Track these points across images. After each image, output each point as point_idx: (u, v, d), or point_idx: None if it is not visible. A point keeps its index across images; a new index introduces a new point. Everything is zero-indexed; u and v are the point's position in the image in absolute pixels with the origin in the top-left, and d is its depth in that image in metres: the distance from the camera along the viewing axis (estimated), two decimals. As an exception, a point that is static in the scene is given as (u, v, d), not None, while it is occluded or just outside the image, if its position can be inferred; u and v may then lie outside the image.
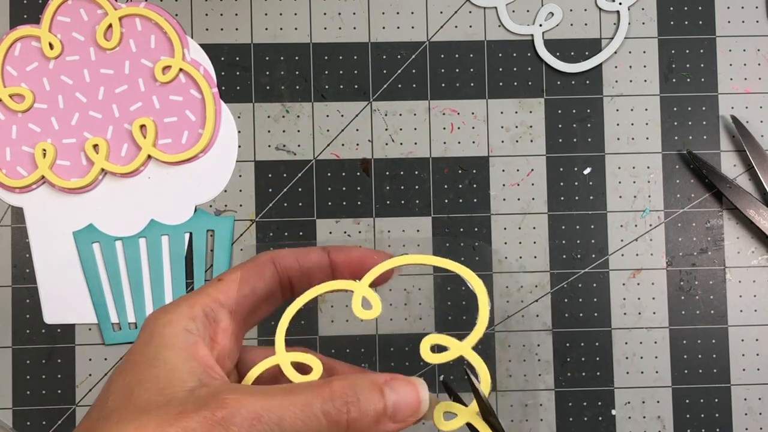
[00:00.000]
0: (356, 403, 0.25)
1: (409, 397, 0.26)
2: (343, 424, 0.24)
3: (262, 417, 0.23)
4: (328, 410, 0.24)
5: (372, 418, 0.25)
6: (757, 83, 0.51)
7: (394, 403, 0.25)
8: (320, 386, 0.25)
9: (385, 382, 0.26)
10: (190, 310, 0.27)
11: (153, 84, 0.50)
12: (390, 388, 0.26)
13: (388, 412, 0.25)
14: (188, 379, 0.25)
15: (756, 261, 0.51)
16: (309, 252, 0.30)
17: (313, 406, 0.24)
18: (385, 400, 0.25)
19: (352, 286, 0.28)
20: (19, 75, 0.49)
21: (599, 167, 0.51)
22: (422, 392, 0.26)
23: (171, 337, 0.26)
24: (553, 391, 0.50)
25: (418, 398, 0.26)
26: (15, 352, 0.49)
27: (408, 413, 0.26)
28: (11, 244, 0.50)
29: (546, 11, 0.51)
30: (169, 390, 0.24)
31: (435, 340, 0.28)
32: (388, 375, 0.26)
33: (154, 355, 0.26)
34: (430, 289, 0.50)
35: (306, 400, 0.24)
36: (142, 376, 0.25)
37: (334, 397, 0.24)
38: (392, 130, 0.51)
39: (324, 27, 0.51)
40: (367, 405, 0.25)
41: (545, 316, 0.50)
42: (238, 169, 0.50)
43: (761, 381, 0.50)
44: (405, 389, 0.26)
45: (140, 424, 0.23)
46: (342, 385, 0.25)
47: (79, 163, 0.49)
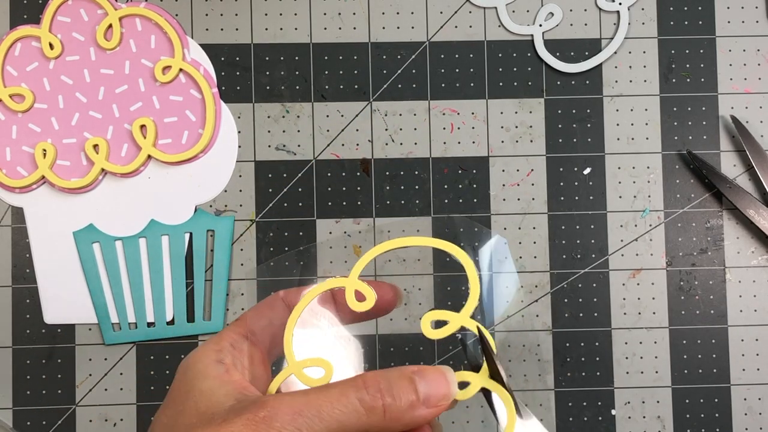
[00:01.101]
0: (389, 390, 0.26)
1: (439, 381, 0.27)
2: (380, 409, 0.26)
3: (303, 411, 0.25)
4: (363, 398, 0.25)
5: (406, 404, 0.26)
6: (757, 83, 0.51)
7: (425, 389, 0.27)
8: (353, 378, 0.26)
9: (414, 372, 0.27)
10: (216, 345, 0.29)
11: (153, 84, 0.50)
12: (419, 376, 0.27)
13: (420, 397, 0.26)
14: (226, 400, 0.26)
15: (756, 261, 0.51)
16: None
17: (348, 396, 0.25)
18: (415, 385, 0.26)
19: (343, 282, 0.30)
20: (19, 75, 0.49)
21: (599, 167, 0.51)
22: (451, 378, 0.27)
23: (203, 369, 0.28)
24: (553, 391, 0.50)
25: (447, 382, 0.27)
26: (15, 352, 0.49)
27: (439, 397, 0.27)
28: (11, 244, 0.50)
29: (546, 11, 0.51)
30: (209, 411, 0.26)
31: (434, 316, 0.29)
32: (416, 366, 0.27)
33: (190, 387, 0.27)
34: (430, 289, 0.50)
35: (341, 391, 0.25)
36: (182, 407, 0.27)
37: (368, 386, 0.26)
38: (392, 130, 0.51)
39: (324, 27, 0.51)
40: (399, 391, 0.26)
41: (545, 316, 0.50)
42: (238, 169, 0.50)
43: (761, 381, 0.50)
44: (433, 375, 0.27)
45: None
46: (373, 375, 0.26)
47: (79, 163, 0.49)
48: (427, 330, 0.29)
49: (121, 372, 0.49)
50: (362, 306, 0.30)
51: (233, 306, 0.50)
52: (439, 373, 0.27)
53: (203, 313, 0.50)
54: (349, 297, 0.30)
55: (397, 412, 0.26)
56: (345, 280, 0.30)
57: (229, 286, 0.50)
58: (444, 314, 0.29)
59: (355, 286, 0.30)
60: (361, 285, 0.30)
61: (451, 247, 0.30)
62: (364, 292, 0.30)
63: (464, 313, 0.29)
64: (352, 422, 0.25)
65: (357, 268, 0.30)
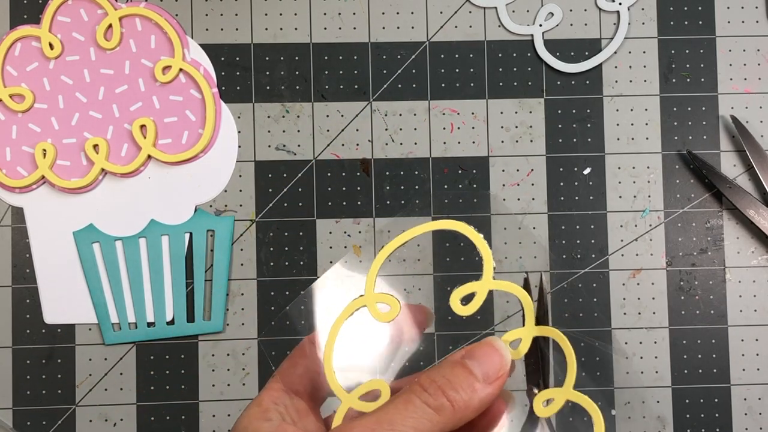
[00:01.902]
0: (448, 384, 0.26)
1: (491, 355, 0.27)
2: (447, 405, 0.25)
3: (375, 429, 0.25)
4: (427, 400, 0.25)
5: (468, 391, 0.26)
6: (757, 83, 0.51)
7: (480, 368, 0.26)
8: (411, 386, 0.26)
9: (463, 356, 0.27)
10: (259, 407, 0.28)
11: (153, 84, 0.50)
12: (469, 357, 0.26)
13: (479, 377, 0.26)
14: None
15: (756, 261, 0.51)
16: None
17: (414, 402, 0.25)
18: (470, 369, 0.26)
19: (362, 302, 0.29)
20: (19, 75, 0.49)
21: (599, 167, 0.51)
22: (500, 345, 0.27)
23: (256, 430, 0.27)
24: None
25: (498, 351, 0.27)
26: (15, 352, 0.49)
27: (497, 369, 0.27)
28: (11, 244, 0.50)
29: (546, 11, 0.51)
30: None
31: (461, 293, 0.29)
32: (462, 350, 0.27)
33: None
34: (430, 289, 0.50)
35: (404, 399, 0.25)
36: None
37: (426, 387, 0.25)
38: (392, 130, 0.51)
39: (324, 27, 0.51)
40: (457, 381, 0.26)
41: (545, 316, 0.50)
42: (238, 169, 0.50)
43: (761, 381, 0.50)
44: (483, 350, 0.27)
45: None
46: (427, 376, 0.26)
47: (79, 163, 0.49)
48: (458, 308, 0.28)
49: (121, 372, 0.49)
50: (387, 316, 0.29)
51: (233, 306, 0.50)
52: (488, 346, 0.27)
53: (203, 313, 0.50)
54: (374, 312, 0.29)
55: (463, 402, 0.26)
56: (362, 299, 0.29)
57: (229, 286, 0.50)
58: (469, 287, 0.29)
59: (375, 300, 0.29)
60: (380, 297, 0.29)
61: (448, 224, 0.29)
62: (387, 302, 0.29)
63: (486, 277, 0.28)
64: (426, 426, 0.25)
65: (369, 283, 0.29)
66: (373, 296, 0.29)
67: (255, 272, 0.50)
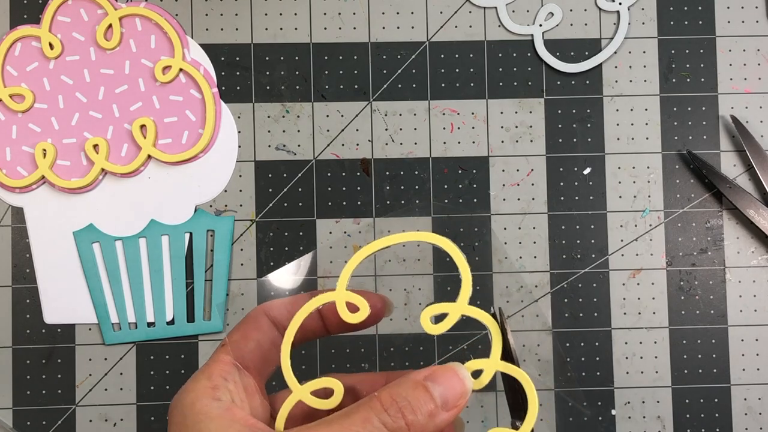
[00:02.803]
0: (408, 406, 0.25)
1: (453, 382, 0.27)
2: (404, 429, 0.25)
3: None
4: (386, 421, 0.25)
5: (426, 415, 0.26)
6: (757, 83, 0.51)
7: (441, 393, 0.26)
8: (370, 400, 0.26)
9: (425, 378, 0.26)
10: (209, 381, 0.28)
11: (153, 84, 0.50)
12: (431, 381, 0.26)
13: (438, 403, 0.26)
14: None
15: (756, 261, 0.51)
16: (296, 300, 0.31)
17: (372, 421, 0.25)
18: (431, 393, 0.26)
19: (332, 296, 0.29)
20: (19, 75, 0.49)
21: (599, 167, 0.51)
22: (462, 374, 0.27)
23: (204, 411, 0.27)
24: (553, 391, 0.50)
25: (460, 378, 0.27)
26: (15, 352, 0.49)
27: (457, 397, 0.26)
28: (11, 244, 0.50)
29: (546, 11, 0.51)
30: None
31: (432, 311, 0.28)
32: (425, 370, 0.27)
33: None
34: (430, 289, 0.50)
35: (363, 416, 0.25)
36: None
37: (387, 407, 0.25)
38: (392, 130, 0.51)
39: (324, 27, 0.51)
40: (418, 404, 0.26)
41: (545, 316, 0.50)
42: (238, 169, 0.50)
43: (761, 381, 0.50)
44: (445, 376, 0.27)
45: None
46: (389, 393, 0.26)
47: (79, 163, 0.49)
48: (428, 326, 0.28)
49: (121, 372, 0.49)
50: (356, 317, 0.29)
51: (233, 306, 0.50)
52: (451, 372, 0.27)
53: (203, 313, 0.50)
54: (341, 310, 0.28)
55: (420, 426, 0.26)
56: (333, 293, 0.29)
57: (229, 286, 0.50)
58: (442, 307, 0.28)
59: (345, 299, 0.29)
60: (351, 296, 0.29)
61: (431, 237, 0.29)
62: (357, 303, 0.29)
63: (461, 301, 0.28)
64: None
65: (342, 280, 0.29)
66: (344, 294, 0.29)
67: (255, 272, 0.50)
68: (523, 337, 0.50)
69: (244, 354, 0.29)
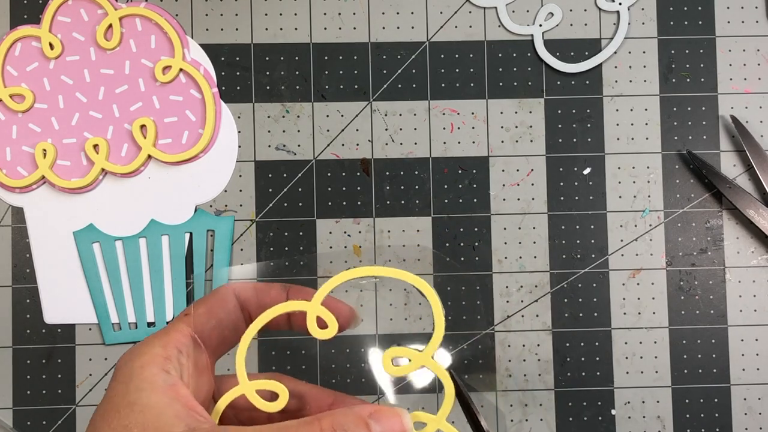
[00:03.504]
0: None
1: (394, 426, 0.26)
2: None
3: None
4: None
5: None
6: (757, 83, 0.51)
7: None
8: (310, 424, 0.25)
9: (370, 415, 0.26)
10: (164, 350, 0.27)
11: (153, 84, 0.50)
12: (375, 421, 0.26)
13: None
14: (176, 423, 0.25)
15: (756, 261, 0.51)
16: (269, 288, 0.31)
17: None
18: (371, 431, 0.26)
19: (305, 307, 0.29)
20: (19, 75, 0.49)
21: (599, 167, 0.51)
22: (406, 421, 0.27)
23: (150, 379, 0.26)
24: (553, 391, 0.50)
25: (403, 425, 0.26)
26: (15, 352, 0.49)
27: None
28: (11, 244, 0.50)
29: (546, 11, 0.51)
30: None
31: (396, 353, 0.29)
32: (371, 407, 0.26)
33: (135, 399, 0.26)
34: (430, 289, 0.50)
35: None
36: (127, 421, 0.25)
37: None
38: (392, 130, 0.51)
39: (324, 27, 0.51)
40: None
41: (545, 316, 0.50)
42: (238, 169, 0.50)
43: (761, 381, 0.50)
44: (389, 419, 0.26)
45: None
46: (331, 421, 0.25)
47: (79, 163, 0.49)
48: (387, 366, 0.28)
49: (121, 372, 0.49)
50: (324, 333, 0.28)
51: (233, 306, 0.50)
52: (395, 417, 0.26)
53: (203, 313, 0.50)
54: (311, 323, 0.28)
55: None
56: (307, 304, 0.29)
57: (229, 286, 0.50)
58: (405, 352, 0.28)
59: (317, 312, 0.28)
60: (323, 311, 0.28)
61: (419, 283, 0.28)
62: (327, 320, 0.29)
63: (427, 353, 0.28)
64: None
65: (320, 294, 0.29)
66: (317, 308, 0.28)
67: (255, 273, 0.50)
68: (523, 336, 0.50)
69: (204, 330, 0.29)
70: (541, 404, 0.50)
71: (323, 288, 0.29)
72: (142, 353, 0.27)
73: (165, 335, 0.28)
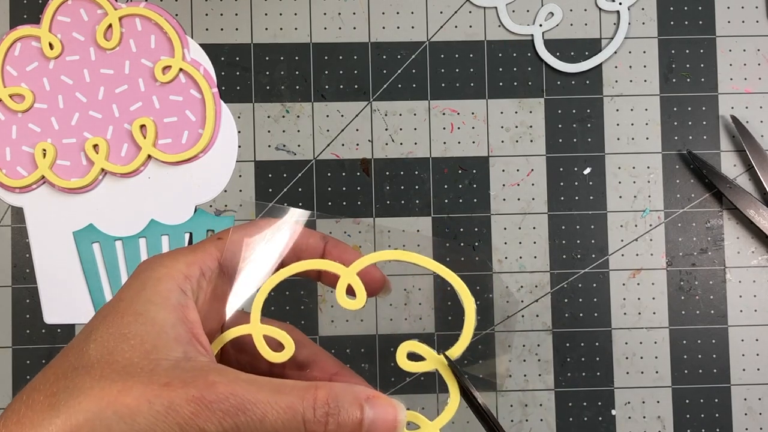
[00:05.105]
0: (336, 415, 0.25)
1: (387, 416, 0.26)
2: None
3: (248, 410, 0.24)
4: (309, 418, 0.24)
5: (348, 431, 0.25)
6: (757, 83, 0.51)
7: (372, 421, 0.25)
8: (306, 391, 0.25)
9: (367, 398, 0.26)
10: (188, 268, 0.27)
11: (153, 84, 0.50)
12: (370, 406, 0.26)
13: (364, 429, 0.25)
14: (175, 347, 0.25)
15: (756, 261, 0.51)
16: (309, 235, 0.30)
17: (296, 412, 0.24)
18: (363, 416, 0.25)
19: (340, 270, 0.28)
20: (19, 75, 0.49)
21: (599, 167, 0.51)
22: (400, 415, 0.26)
23: (164, 293, 0.26)
24: (553, 391, 0.50)
25: (396, 420, 0.26)
26: (15, 352, 0.49)
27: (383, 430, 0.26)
28: (11, 244, 0.50)
29: (546, 11, 0.51)
30: (154, 355, 0.24)
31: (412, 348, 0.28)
32: (371, 391, 0.26)
33: (143, 310, 0.25)
34: (430, 289, 0.50)
35: (291, 403, 0.24)
36: (127, 330, 0.25)
37: (317, 406, 0.25)
38: (392, 130, 0.51)
39: (324, 27, 0.51)
40: (346, 418, 0.25)
41: (545, 316, 0.50)
42: (238, 169, 0.50)
43: (761, 381, 0.50)
44: (384, 409, 0.26)
45: (124, 387, 0.23)
46: (326, 394, 0.25)
47: (79, 163, 0.49)
48: (402, 360, 0.28)
49: (121, 372, 0.49)
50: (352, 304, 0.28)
51: (233, 306, 0.50)
52: (391, 407, 0.26)
53: (203, 313, 0.50)
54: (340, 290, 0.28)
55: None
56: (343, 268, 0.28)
57: (229, 286, 0.50)
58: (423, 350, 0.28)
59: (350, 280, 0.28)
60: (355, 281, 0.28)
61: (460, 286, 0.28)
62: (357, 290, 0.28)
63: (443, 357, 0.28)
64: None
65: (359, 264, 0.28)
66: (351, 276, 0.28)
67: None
68: (523, 336, 0.50)
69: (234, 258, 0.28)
70: (541, 404, 0.50)
71: (365, 258, 0.28)
72: (164, 265, 0.27)
73: (192, 253, 0.27)
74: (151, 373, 0.23)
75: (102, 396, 0.23)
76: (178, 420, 0.23)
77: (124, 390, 0.23)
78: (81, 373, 0.24)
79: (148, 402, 0.23)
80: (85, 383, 0.23)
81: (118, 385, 0.23)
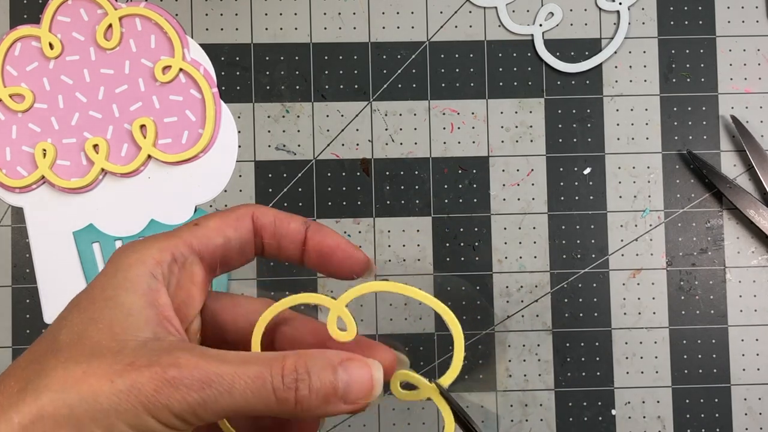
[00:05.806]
0: (306, 381, 0.24)
1: (363, 378, 0.25)
2: (291, 401, 0.24)
3: (213, 382, 0.23)
4: (278, 386, 0.24)
5: (322, 398, 0.24)
6: (757, 83, 0.51)
7: (346, 383, 0.25)
8: (275, 359, 0.24)
9: (341, 362, 0.25)
10: (160, 253, 0.27)
11: (153, 84, 0.50)
12: (344, 369, 0.25)
13: (339, 392, 0.25)
14: (143, 328, 0.24)
15: (756, 261, 0.51)
16: (290, 219, 0.30)
17: (264, 380, 0.24)
18: (337, 379, 0.25)
19: (329, 304, 0.28)
20: (19, 75, 0.49)
21: (599, 167, 0.51)
22: (376, 374, 0.26)
23: (134, 279, 0.26)
24: (553, 391, 0.50)
25: (371, 381, 0.25)
26: (15, 352, 0.49)
27: (360, 395, 0.25)
28: (11, 244, 0.50)
29: (546, 11, 0.51)
30: (122, 336, 0.24)
31: (405, 377, 0.28)
32: (345, 354, 0.25)
33: (112, 295, 0.25)
34: (430, 290, 0.50)
35: (258, 372, 0.24)
36: (97, 314, 0.25)
37: (286, 373, 0.24)
38: (392, 130, 0.51)
39: (324, 27, 0.51)
40: (318, 383, 0.24)
41: (545, 316, 0.50)
42: (238, 169, 0.50)
43: (761, 381, 0.50)
44: (359, 371, 0.25)
45: (89, 368, 0.23)
46: (295, 360, 0.24)
47: (79, 163, 0.49)
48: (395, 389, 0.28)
49: (121, 372, 0.49)
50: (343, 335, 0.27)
51: (233, 306, 0.50)
52: (366, 368, 0.25)
53: (203, 313, 0.50)
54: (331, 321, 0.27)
55: (308, 406, 0.24)
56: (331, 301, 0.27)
57: (229, 285, 0.50)
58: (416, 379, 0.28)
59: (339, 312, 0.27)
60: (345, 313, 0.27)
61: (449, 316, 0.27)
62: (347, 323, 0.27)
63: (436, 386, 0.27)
64: (260, 407, 0.24)
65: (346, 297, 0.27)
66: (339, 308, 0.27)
67: (255, 272, 0.50)
68: (523, 336, 0.50)
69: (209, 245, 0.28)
70: (541, 404, 0.50)
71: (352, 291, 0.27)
72: (136, 251, 0.26)
73: (166, 239, 0.27)
74: (118, 354, 0.23)
75: (66, 377, 0.23)
76: (141, 399, 0.23)
77: (89, 371, 0.23)
78: (49, 357, 0.24)
79: (110, 381, 0.23)
80: (52, 366, 0.23)
81: (83, 366, 0.23)
